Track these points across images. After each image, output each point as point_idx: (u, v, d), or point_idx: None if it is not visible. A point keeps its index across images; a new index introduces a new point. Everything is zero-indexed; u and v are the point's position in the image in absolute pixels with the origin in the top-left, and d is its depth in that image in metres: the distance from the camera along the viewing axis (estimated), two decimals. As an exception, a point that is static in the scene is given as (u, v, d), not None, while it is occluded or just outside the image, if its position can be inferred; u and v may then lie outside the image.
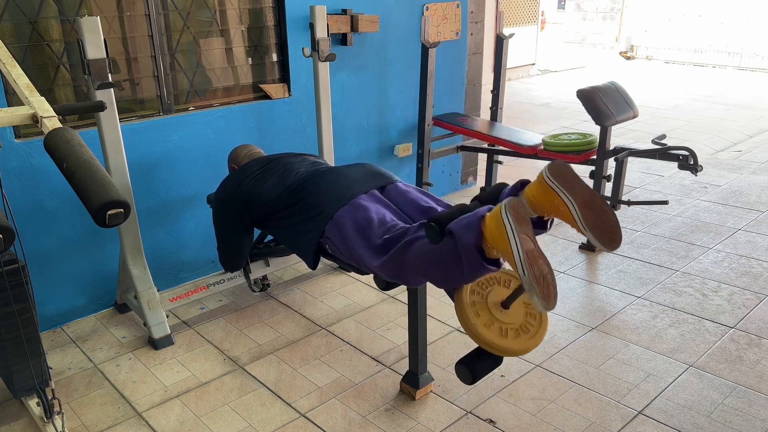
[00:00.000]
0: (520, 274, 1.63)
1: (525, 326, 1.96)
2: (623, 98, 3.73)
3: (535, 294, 1.60)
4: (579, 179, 1.76)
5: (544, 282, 1.63)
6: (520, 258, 1.63)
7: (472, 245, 1.74)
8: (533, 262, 1.63)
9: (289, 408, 2.49)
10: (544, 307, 1.61)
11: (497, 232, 1.68)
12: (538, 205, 1.79)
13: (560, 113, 8.09)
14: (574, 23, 15.11)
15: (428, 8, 4.27)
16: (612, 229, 1.75)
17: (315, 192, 2.37)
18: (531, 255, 1.64)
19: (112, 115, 2.67)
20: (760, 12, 11.67)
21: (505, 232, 1.66)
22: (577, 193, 1.73)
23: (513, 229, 1.65)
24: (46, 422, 2.28)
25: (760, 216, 4.33)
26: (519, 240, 1.64)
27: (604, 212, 1.74)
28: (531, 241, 1.67)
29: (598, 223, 1.73)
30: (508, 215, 1.67)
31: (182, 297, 3.08)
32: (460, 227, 1.77)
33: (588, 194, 1.74)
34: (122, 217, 1.68)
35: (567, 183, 1.74)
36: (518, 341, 1.91)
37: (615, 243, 1.75)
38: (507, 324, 1.94)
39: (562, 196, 1.73)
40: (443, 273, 1.90)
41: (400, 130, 4.41)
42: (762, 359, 2.72)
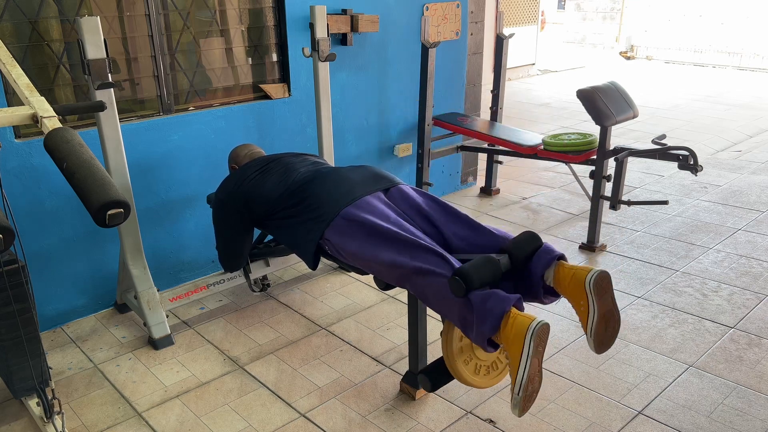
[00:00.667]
0: (514, 392, 1.76)
1: (495, 363, 2.16)
2: (623, 98, 3.73)
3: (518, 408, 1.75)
4: (611, 290, 1.91)
5: (530, 401, 1.77)
6: (521, 381, 1.74)
7: (486, 335, 1.82)
8: (530, 383, 1.74)
9: (289, 408, 2.49)
10: (517, 415, 1.78)
11: (514, 343, 1.76)
12: (564, 289, 1.93)
13: (560, 113, 8.09)
14: (574, 23, 15.11)
15: (428, 8, 4.27)
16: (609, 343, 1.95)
17: (317, 193, 2.36)
18: (532, 377, 1.74)
19: (112, 115, 2.67)
20: (760, 12, 11.67)
21: (521, 352, 1.75)
22: (603, 303, 1.87)
23: (529, 354, 1.73)
24: (46, 422, 2.28)
25: (760, 216, 4.33)
26: (529, 364, 1.73)
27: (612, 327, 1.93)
28: (538, 363, 1.77)
29: (604, 336, 1.92)
30: (532, 341, 1.73)
31: (182, 297, 3.08)
32: (483, 310, 1.82)
33: (610, 307, 1.90)
34: (122, 217, 1.68)
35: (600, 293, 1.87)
36: (485, 378, 2.14)
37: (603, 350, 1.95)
38: (482, 361, 2.12)
39: (590, 303, 1.87)
40: (445, 314, 1.98)
41: (400, 130, 4.41)
42: (762, 359, 2.72)
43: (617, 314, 1.93)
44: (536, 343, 1.72)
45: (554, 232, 4.13)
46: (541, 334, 1.74)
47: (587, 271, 1.88)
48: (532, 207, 4.63)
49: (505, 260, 1.98)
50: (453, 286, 1.86)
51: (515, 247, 2.01)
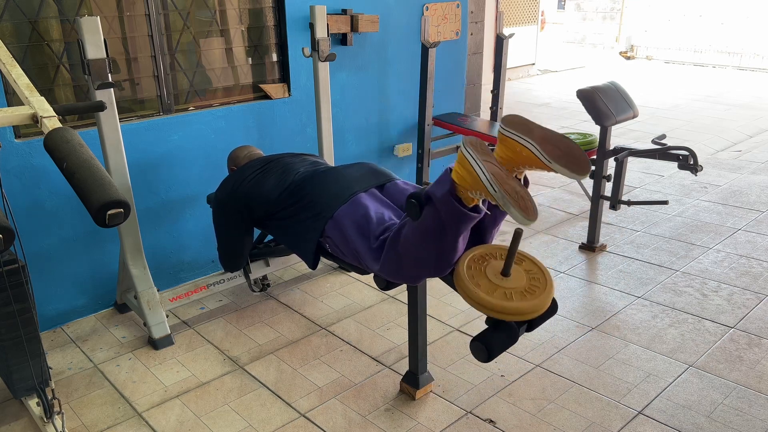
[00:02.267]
0: (491, 192, 1.65)
1: (530, 289, 1.89)
2: (623, 98, 3.73)
3: (511, 206, 1.61)
4: (533, 123, 1.82)
5: (518, 196, 1.64)
6: (487, 179, 1.66)
7: (447, 194, 1.77)
8: (502, 182, 1.65)
9: (289, 408, 2.49)
10: (524, 218, 1.61)
11: (464, 171, 1.72)
12: (506, 159, 1.84)
13: (560, 113, 8.09)
14: (574, 23, 15.11)
15: (428, 8, 4.27)
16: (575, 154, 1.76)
17: (315, 192, 2.37)
18: (499, 176, 1.66)
19: (112, 115, 2.67)
20: (760, 12, 11.67)
21: (470, 165, 1.70)
22: (534, 134, 1.79)
23: (475, 159, 1.69)
24: (46, 422, 2.28)
25: (760, 216, 4.33)
26: (483, 165, 1.68)
27: (563, 143, 1.78)
28: (496, 165, 1.70)
29: (561, 153, 1.75)
30: (468, 149, 1.71)
31: (182, 297, 3.08)
32: (434, 187, 1.82)
33: (544, 131, 1.80)
34: (122, 217, 1.68)
35: (523, 128, 1.80)
36: (526, 301, 1.84)
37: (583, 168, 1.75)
38: (510, 288, 1.87)
39: (521, 141, 1.79)
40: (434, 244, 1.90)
41: (400, 130, 4.40)
42: (762, 359, 2.72)
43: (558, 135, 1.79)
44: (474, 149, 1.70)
45: (554, 232, 4.13)
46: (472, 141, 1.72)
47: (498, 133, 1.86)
48: (532, 207, 4.62)
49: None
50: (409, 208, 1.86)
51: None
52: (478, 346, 1.88)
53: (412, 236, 1.93)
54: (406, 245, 1.96)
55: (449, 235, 1.85)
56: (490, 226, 2.06)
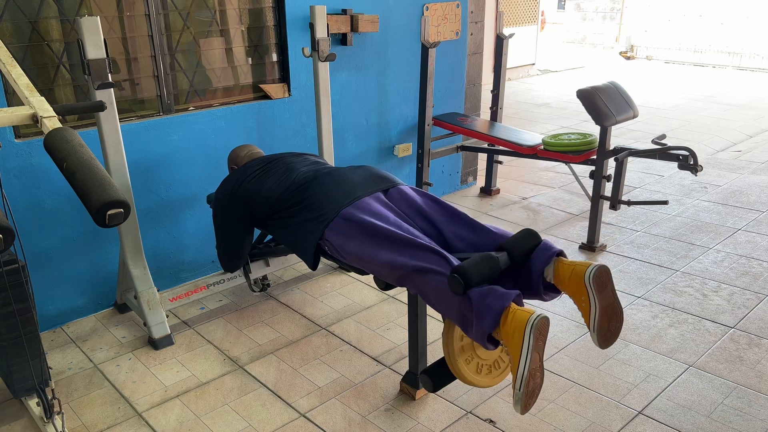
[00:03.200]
0: (515, 388, 1.74)
1: (497, 362, 2.12)
2: (623, 98, 3.73)
3: (520, 405, 1.73)
4: (612, 285, 1.89)
5: (532, 395, 1.75)
6: (522, 376, 1.72)
7: (486, 332, 1.81)
8: (531, 379, 1.73)
9: (289, 408, 2.49)
10: (519, 412, 1.75)
11: (514, 338, 1.75)
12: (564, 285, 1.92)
13: (560, 113, 8.09)
14: (574, 23, 15.11)
15: (428, 8, 4.27)
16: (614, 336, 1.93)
17: (316, 193, 2.36)
18: (533, 372, 1.73)
19: (112, 115, 2.67)
20: (760, 12, 11.67)
21: (521, 346, 1.73)
22: (604, 297, 1.87)
23: (529, 348, 1.72)
24: (46, 422, 2.28)
25: (760, 216, 4.33)
26: (530, 359, 1.72)
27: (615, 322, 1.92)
28: (539, 358, 1.76)
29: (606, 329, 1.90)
30: (532, 335, 1.72)
31: (182, 297, 3.08)
32: (482, 307, 1.81)
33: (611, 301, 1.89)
34: (122, 217, 1.68)
35: (601, 288, 1.86)
36: (487, 378, 2.10)
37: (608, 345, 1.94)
38: (483, 360, 2.09)
39: (591, 298, 1.86)
40: (445, 312, 1.97)
41: (400, 130, 4.41)
42: (762, 359, 2.72)
43: (619, 308, 1.93)
44: (536, 336, 1.72)
45: (554, 232, 4.13)
46: (541, 327, 1.73)
47: (587, 266, 1.88)
48: (532, 207, 4.63)
49: (503, 257, 1.98)
50: (452, 283, 1.86)
51: (514, 245, 2.01)
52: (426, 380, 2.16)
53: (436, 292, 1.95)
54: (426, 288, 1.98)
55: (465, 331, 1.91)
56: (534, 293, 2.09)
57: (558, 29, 15.70)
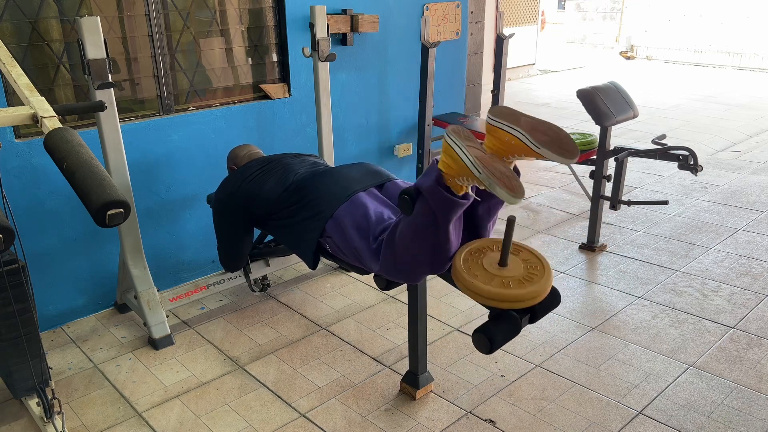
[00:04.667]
0: (476, 175, 1.66)
1: (528, 277, 1.88)
2: (623, 98, 3.73)
3: (497, 186, 1.61)
4: (520, 112, 1.83)
5: (504, 176, 1.64)
6: (472, 162, 1.67)
7: (435, 184, 1.79)
8: (487, 164, 1.66)
9: (289, 408, 2.49)
10: (510, 197, 1.61)
11: (449, 158, 1.74)
12: (495, 149, 1.85)
13: (560, 113, 8.09)
14: (574, 23, 15.11)
15: (428, 8, 4.27)
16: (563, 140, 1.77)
17: (314, 192, 2.37)
18: (483, 159, 1.68)
19: (112, 115, 2.67)
20: (760, 12, 11.67)
21: (454, 152, 1.71)
22: (521, 122, 1.81)
23: (459, 145, 1.71)
24: (46, 422, 2.28)
25: (760, 216, 4.32)
26: (467, 150, 1.69)
27: (550, 129, 1.79)
28: (480, 150, 1.72)
29: (549, 139, 1.77)
30: (451, 136, 1.73)
31: (182, 297, 3.08)
32: (422, 179, 1.84)
33: (531, 120, 1.82)
34: (122, 217, 1.68)
35: (510, 117, 1.82)
36: (524, 288, 1.82)
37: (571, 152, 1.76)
38: (508, 277, 1.86)
39: (509, 129, 1.80)
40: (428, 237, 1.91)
41: (400, 130, 4.41)
42: (762, 359, 2.72)
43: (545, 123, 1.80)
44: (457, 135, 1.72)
45: (554, 232, 4.13)
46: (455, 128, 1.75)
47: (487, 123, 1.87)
48: (532, 207, 4.63)
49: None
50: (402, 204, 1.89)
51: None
52: (480, 337, 1.85)
53: (406, 232, 1.94)
54: (402, 242, 1.97)
55: (441, 225, 1.86)
56: (485, 218, 2.07)
57: (558, 29, 15.70)
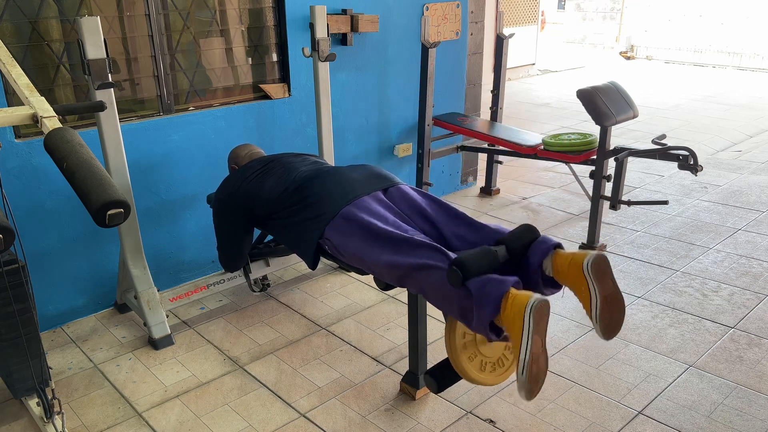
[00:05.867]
0: (518, 372, 1.72)
1: (501, 360, 2.11)
2: (623, 98, 3.73)
3: (524, 391, 1.71)
4: (611, 274, 1.86)
5: (536, 380, 1.73)
6: (524, 360, 1.70)
7: (487, 320, 1.79)
8: (534, 363, 1.71)
9: (289, 408, 2.49)
10: (525, 399, 1.73)
11: (514, 322, 1.73)
12: (563, 277, 1.90)
13: (560, 113, 8.09)
14: (574, 23, 15.11)
15: (428, 8, 4.27)
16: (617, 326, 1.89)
17: (316, 192, 2.36)
18: (535, 356, 1.71)
19: (112, 115, 2.67)
20: (760, 12, 11.67)
21: (521, 330, 1.71)
22: (604, 288, 1.84)
23: (530, 331, 1.70)
24: (46, 422, 2.28)
25: (760, 216, 4.33)
26: (531, 342, 1.70)
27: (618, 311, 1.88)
28: (541, 341, 1.74)
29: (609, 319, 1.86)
30: (531, 317, 1.70)
31: (182, 297, 3.08)
32: (481, 294, 1.80)
33: (612, 290, 1.86)
34: (122, 217, 1.68)
35: (600, 277, 1.84)
36: (491, 376, 2.08)
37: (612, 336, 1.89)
38: (487, 358, 2.06)
39: (590, 287, 1.84)
40: (446, 308, 1.96)
41: (400, 130, 4.41)
42: (762, 359, 2.72)
43: (620, 297, 1.89)
44: (536, 318, 1.70)
45: (554, 232, 4.13)
46: (541, 308, 1.71)
47: (585, 256, 1.86)
48: (532, 207, 4.63)
49: (502, 251, 1.96)
50: (450, 276, 1.85)
51: (512, 239, 1.99)
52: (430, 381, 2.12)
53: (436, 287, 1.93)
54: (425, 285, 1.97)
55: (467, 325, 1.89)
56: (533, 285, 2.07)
57: (558, 29, 15.70)
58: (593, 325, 1.87)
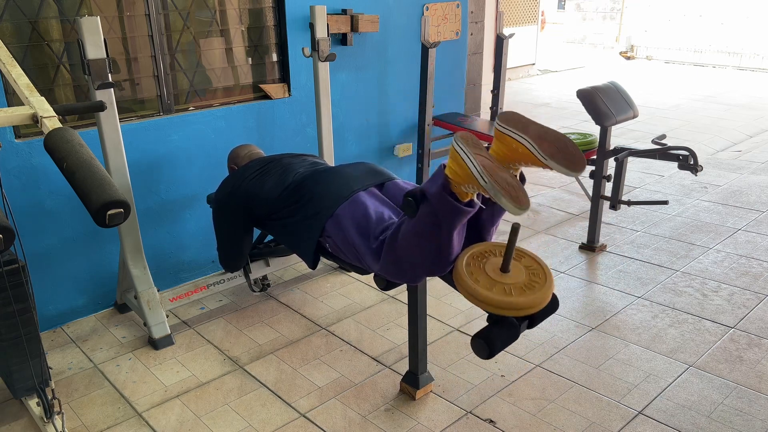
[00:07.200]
0: (482, 184, 1.64)
1: (529, 284, 1.88)
2: (623, 98, 3.73)
3: (502, 196, 1.60)
4: (530, 120, 1.82)
5: (509, 186, 1.63)
6: (478, 171, 1.65)
7: (441, 190, 1.77)
8: (493, 173, 1.65)
9: (289, 408, 2.49)
10: (515, 208, 1.59)
11: (456, 165, 1.72)
12: (502, 156, 1.84)
13: (560, 113, 8.09)
14: (574, 23, 15.11)
15: (428, 8, 4.27)
16: (571, 152, 1.76)
17: (314, 191, 2.37)
18: (489, 168, 1.66)
19: (112, 115, 2.67)
20: (760, 12, 11.67)
21: (461, 159, 1.70)
22: (530, 130, 1.79)
23: (466, 152, 1.69)
24: (46, 422, 2.28)
25: (760, 216, 4.33)
26: (474, 158, 1.68)
27: (559, 140, 1.77)
28: (487, 158, 1.70)
29: (556, 150, 1.75)
30: (459, 144, 1.72)
31: (182, 297, 3.08)
32: (428, 183, 1.83)
33: (540, 129, 1.80)
34: (122, 217, 1.68)
35: (519, 124, 1.81)
36: (525, 296, 1.83)
37: (578, 165, 1.74)
38: (509, 284, 1.86)
39: (517, 137, 1.79)
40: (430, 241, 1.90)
41: (400, 130, 4.41)
42: (762, 359, 2.72)
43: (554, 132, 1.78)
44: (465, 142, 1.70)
45: (554, 232, 4.13)
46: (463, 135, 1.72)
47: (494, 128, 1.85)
48: (532, 207, 4.63)
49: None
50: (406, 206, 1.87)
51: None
52: (479, 343, 1.86)
53: (409, 234, 1.94)
54: (404, 244, 1.97)
55: (444, 231, 1.85)
56: (488, 223, 2.07)
57: (558, 29, 15.70)
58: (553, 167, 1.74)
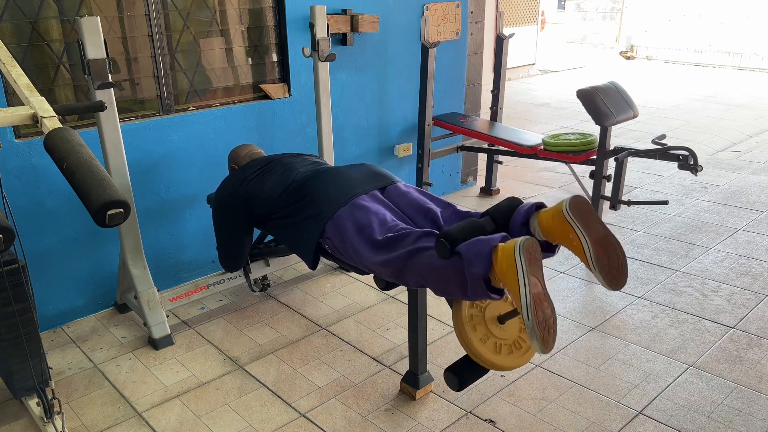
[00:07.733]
0: (524, 318, 1.65)
1: (518, 342, 2.00)
2: (623, 98, 3.73)
3: (536, 339, 1.63)
4: (596, 216, 1.78)
5: (546, 326, 1.65)
6: (526, 302, 1.64)
7: (480, 275, 1.74)
8: (538, 306, 1.64)
9: (289, 408, 2.49)
10: (541, 351, 1.64)
11: (508, 269, 1.68)
12: (551, 233, 1.82)
13: (560, 113, 8.09)
14: (574, 23, 15.11)
15: (428, 8, 4.27)
16: (619, 271, 1.78)
17: (315, 192, 2.36)
18: (537, 299, 1.64)
19: (112, 115, 2.67)
20: (760, 12, 11.68)
21: (516, 273, 1.66)
22: (592, 230, 1.75)
23: (524, 272, 1.64)
24: (46, 422, 2.28)
25: (760, 216, 4.33)
26: (528, 283, 1.64)
27: (615, 254, 1.77)
28: (539, 284, 1.67)
29: (607, 263, 1.76)
30: (522, 257, 1.65)
31: (182, 297, 3.08)
32: (471, 254, 1.75)
33: (602, 233, 1.77)
34: (122, 217, 1.68)
35: (584, 219, 1.76)
36: (509, 358, 1.96)
37: (619, 284, 1.77)
38: (501, 340, 1.97)
39: (578, 232, 1.75)
40: (445, 287, 1.91)
41: (400, 130, 4.41)
42: (762, 359, 2.72)
43: (615, 240, 1.79)
44: (527, 257, 1.64)
45: (554, 232, 4.13)
46: (529, 247, 1.66)
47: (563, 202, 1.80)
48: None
49: (488, 222, 1.92)
50: (438, 248, 1.81)
51: (496, 209, 1.96)
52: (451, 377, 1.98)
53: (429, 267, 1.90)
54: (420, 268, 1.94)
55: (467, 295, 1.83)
56: None
57: (558, 29, 15.70)
58: (596, 276, 1.76)
